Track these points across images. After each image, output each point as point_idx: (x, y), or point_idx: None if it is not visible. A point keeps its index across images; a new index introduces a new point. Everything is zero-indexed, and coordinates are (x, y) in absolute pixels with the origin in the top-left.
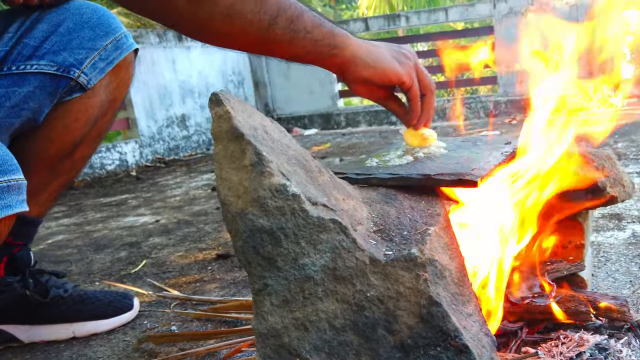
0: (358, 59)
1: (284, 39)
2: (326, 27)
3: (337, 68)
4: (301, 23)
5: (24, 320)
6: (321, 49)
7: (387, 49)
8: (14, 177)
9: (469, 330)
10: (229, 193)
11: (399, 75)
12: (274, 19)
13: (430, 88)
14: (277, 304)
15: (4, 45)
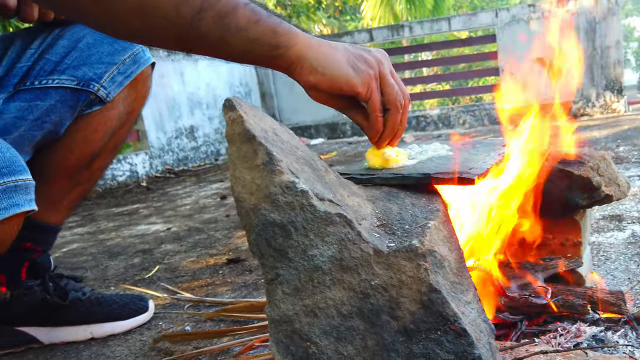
0: (304, 60)
1: (212, 37)
2: (266, 24)
3: (283, 70)
4: (233, 19)
5: (44, 322)
6: (260, 49)
7: (344, 52)
8: (22, 178)
9: (467, 315)
10: (243, 190)
11: (352, 84)
12: (197, 13)
13: (395, 102)
14: (289, 292)
15: (26, 61)
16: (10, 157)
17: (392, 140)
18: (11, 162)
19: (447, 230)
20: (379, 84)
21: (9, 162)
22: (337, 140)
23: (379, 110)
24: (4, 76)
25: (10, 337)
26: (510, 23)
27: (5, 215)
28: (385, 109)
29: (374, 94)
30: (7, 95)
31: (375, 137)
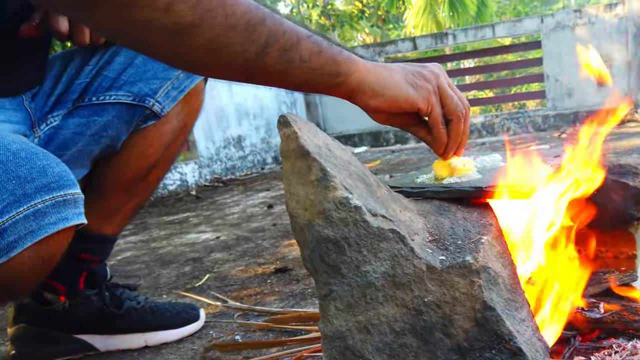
0: (365, 86)
1: (277, 70)
2: (327, 54)
3: (344, 97)
4: (296, 51)
5: (100, 330)
6: (322, 78)
7: (401, 72)
8: (70, 192)
9: (522, 334)
10: (297, 206)
11: (412, 101)
12: (263, 49)
13: (456, 112)
14: (342, 308)
15: (85, 77)
16: (60, 172)
17: (458, 150)
18: (60, 176)
19: (500, 245)
20: (439, 97)
21: (58, 177)
22: (380, 148)
23: (441, 123)
24: (63, 92)
25: (68, 345)
26: (555, 29)
27: (55, 229)
28: (447, 120)
29: (434, 107)
30: (66, 112)
31: (441, 149)
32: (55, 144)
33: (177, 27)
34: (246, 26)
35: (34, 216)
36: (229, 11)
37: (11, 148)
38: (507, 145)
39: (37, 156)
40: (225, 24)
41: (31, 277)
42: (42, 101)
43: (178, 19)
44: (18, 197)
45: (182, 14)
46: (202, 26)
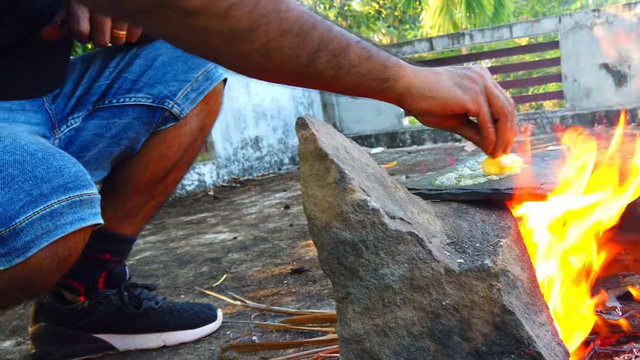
0: (414, 89)
1: (327, 74)
2: (376, 59)
3: (393, 101)
4: (346, 57)
5: (119, 329)
6: (371, 83)
7: (448, 75)
8: (87, 192)
9: (542, 339)
10: (315, 208)
11: (461, 102)
12: (314, 53)
13: (503, 111)
14: (359, 311)
15: (105, 80)
16: (76, 172)
17: (505, 148)
18: (77, 177)
19: (519, 248)
20: (486, 98)
21: (75, 177)
22: (396, 149)
23: (490, 122)
24: (83, 94)
25: (88, 344)
26: (573, 29)
27: (71, 229)
28: (495, 120)
29: (482, 108)
30: (87, 113)
31: (490, 147)
32: (76, 145)
33: (234, 32)
34: (299, 31)
35: (51, 216)
36: (283, 16)
37: (28, 149)
38: (523, 147)
39: (53, 157)
40: (279, 28)
41: (48, 277)
42: (63, 103)
43: (235, 24)
44: (35, 197)
45: (239, 19)
46: (258, 31)
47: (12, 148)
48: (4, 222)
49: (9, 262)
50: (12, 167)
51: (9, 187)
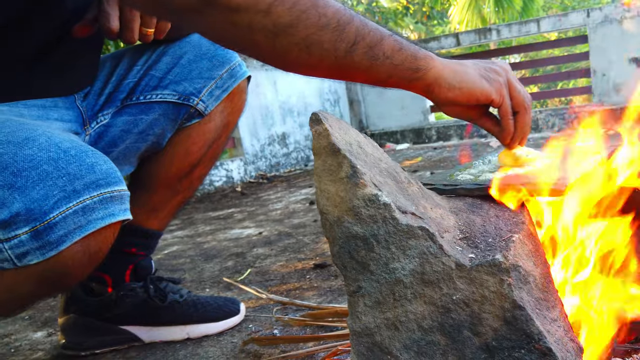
0: (442, 80)
1: (363, 66)
2: (408, 51)
3: (421, 91)
4: (380, 49)
5: (145, 322)
6: (403, 73)
7: (474, 67)
8: (117, 189)
9: (553, 334)
10: (327, 203)
11: (487, 93)
12: (351, 46)
13: (523, 105)
14: (370, 305)
15: (133, 77)
16: (107, 170)
17: (522, 140)
18: (107, 174)
19: (532, 244)
20: (508, 90)
21: (106, 174)
22: (422, 145)
23: (511, 114)
24: (112, 92)
25: (115, 335)
26: (602, 23)
27: (102, 224)
28: (514, 112)
29: (505, 99)
30: (115, 110)
31: (508, 138)
32: (105, 141)
33: (276, 28)
34: (337, 25)
35: (83, 211)
36: (321, 12)
37: (62, 146)
38: (550, 142)
39: (86, 154)
40: (318, 23)
41: (79, 270)
42: (93, 100)
43: (277, 20)
44: (68, 193)
45: (281, 15)
46: (298, 26)
47: (46, 145)
48: (39, 216)
49: (43, 255)
50: (47, 163)
51: (44, 183)
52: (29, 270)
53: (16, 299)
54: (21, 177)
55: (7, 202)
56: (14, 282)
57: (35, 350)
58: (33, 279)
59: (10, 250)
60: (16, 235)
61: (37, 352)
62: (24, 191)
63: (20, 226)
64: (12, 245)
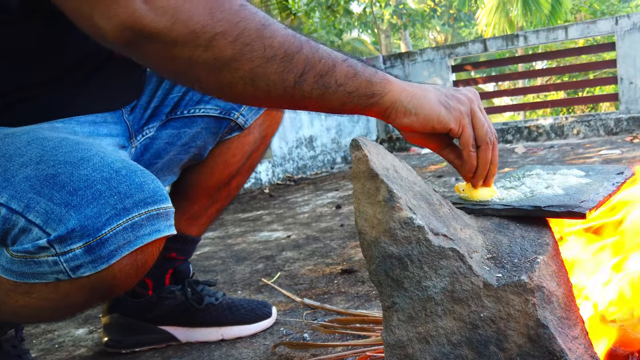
0: (398, 104)
1: (314, 95)
2: (362, 76)
3: (379, 115)
4: (332, 76)
5: (182, 323)
6: (357, 100)
7: (435, 92)
8: (163, 206)
9: (574, 351)
10: (365, 224)
11: (444, 122)
12: (300, 76)
13: (484, 139)
14: (403, 319)
15: (177, 92)
16: (154, 188)
17: (486, 179)
18: (155, 192)
19: (556, 264)
20: (471, 121)
21: (153, 193)
22: None
23: (472, 146)
24: (158, 106)
25: (153, 335)
26: (631, 30)
27: (149, 240)
28: (477, 147)
29: (465, 129)
30: (160, 124)
31: (469, 173)
32: (150, 153)
33: (218, 63)
34: (284, 56)
35: (132, 228)
36: (267, 43)
37: (114, 167)
38: None
39: (135, 174)
40: (263, 55)
41: (127, 281)
42: (140, 114)
43: (219, 54)
44: (118, 211)
45: (223, 49)
46: (242, 60)
47: (100, 166)
48: (93, 232)
49: (95, 268)
50: (100, 183)
51: (97, 202)
52: (82, 281)
53: (69, 307)
54: (77, 195)
55: (64, 219)
56: (68, 292)
57: (78, 347)
58: (85, 289)
59: (65, 263)
60: (71, 250)
61: (80, 349)
62: (79, 209)
63: (75, 241)
64: (68, 259)
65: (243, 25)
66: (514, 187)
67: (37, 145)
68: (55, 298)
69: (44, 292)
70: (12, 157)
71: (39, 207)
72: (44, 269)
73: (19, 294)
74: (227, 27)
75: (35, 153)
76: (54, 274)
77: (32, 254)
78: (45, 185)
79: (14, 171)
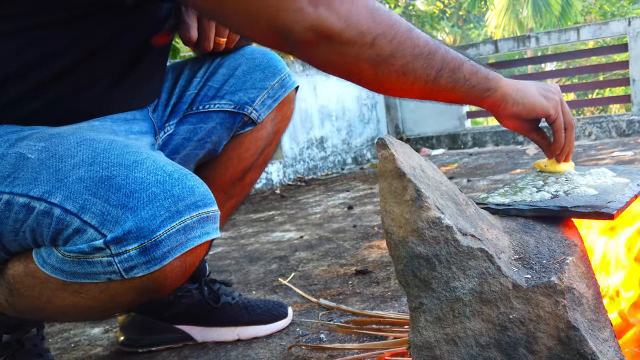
0: (508, 97)
1: (447, 88)
2: (482, 73)
3: (489, 106)
4: (461, 73)
5: (198, 322)
6: (477, 93)
7: (534, 86)
8: (212, 209)
9: (605, 354)
10: (392, 224)
11: (545, 109)
12: (438, 72)
13: (571, 123)
14: (431, 320)
15: (193, 89)
16: (204, 192)
17: (568, 155)
18: (204, 196)
19: (584, 266)
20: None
21: (203, 196)
22: (457, 151)
23: (563, 129)
24: (176, 103)
25: (170, 334)
26: None
27: (199, 242)
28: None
29: (560, 115)
30: (178, 120)
31: (558, 150)
32: (168, 149)
33: (379, 58)
34: (428, 54)
35: (184, 230)
36: (415, 42)
37: (166, 170)
38: None
39: (186, 177)
40: (413, 53)
41: (174, 283)
42: (161, 111)
43: (380, 51)
44: (172, 213)
45: (383, 47)
46: (397, 56)
47: (153, 169)
48: (148, 234)
49: (148, 269)
50: (155, 186)
51: (152, 204)
52: (133, 282)
53: (115, 306)
54: (133, 198)
55: (120, 221)
56: (118, 292)
57: (94, 346)
58: (134, 290)
59: (119, 264)
60: (126, 251)
61: (96, 348)
62: (135, 211)
63: (131, 242)
64: (122, 260)
65: (397, 27)
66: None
67: (87, 147)
68: (104, 298)
69: (94, 291)
70: (63, 157)
71: (94, 208)
72: (97, 269)
73: (67, 293)
74: (386, 29)
75: (87, 154)
76: (107, 274)
77: (86, 254)
78: (101, 186)
79: (67, 172)
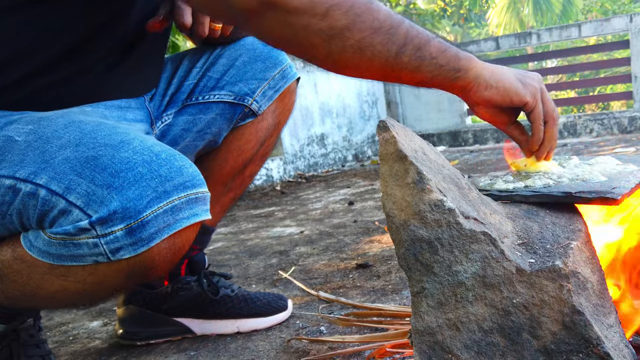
0: (481, 79)
1: (411, 66)
2: (451, 52)
3: (459, 90)
4: (427, 50)
5: (198, 314)
6: (446, 73)
7: (512, 71)
8: (201, 190)
9: (610, 339)
10: (394, 207)
11: (521, 95)
12: (401, 48)
13: (552, 115)
14: (433, 305)
15: (192, 79)
16: (193, 172)
17: (549, 153)
18: (193, 176)
19: (589, 251)
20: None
21: (192, 177)
22: (458, 148)
23: (542, 120)
24: (174, 93)
25: (169, 327)
26: None
27: (187, 223)
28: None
29: (538, 104)
30: (176, 110)
31: (536, 146)
32: (167, 139)
33: (332, 31)
34: (389, 28)
35: (172, 211)
36: (375, 15)
37: (154, 150)
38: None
39: (174, 157)
40: (372, 26)
41: (164, 265)
42: (158, 101)
43: (334, 23)
44: (159, 194)
45: (337, 19)
46: (353, 29)
47: (140, 149)
48: (134, 215)
49: (135, 250)
50: (141, 166)
51: (139, 184)
52: (120, 264)
53: (104, 290)
54: (119, 177)
55: (106, 201)
56: (106, 274)
57: (92, 339)
58: (122, 273)
59: (105, 245)
60: (112, 232)
61: (95, 341)
62: (121, 191)
63: (117, 223)
64: (108, 241)
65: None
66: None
67: (74, 128)
68: (93, 281)
69: (81, 274)
70: (50, 139)
71: (80, 188)
72: (84, 251)
73: (55, 276)
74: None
75: (73, 135)
76: (94, 256)
77: (72, 235)
78: (86, 167)
79: (53, 153)
